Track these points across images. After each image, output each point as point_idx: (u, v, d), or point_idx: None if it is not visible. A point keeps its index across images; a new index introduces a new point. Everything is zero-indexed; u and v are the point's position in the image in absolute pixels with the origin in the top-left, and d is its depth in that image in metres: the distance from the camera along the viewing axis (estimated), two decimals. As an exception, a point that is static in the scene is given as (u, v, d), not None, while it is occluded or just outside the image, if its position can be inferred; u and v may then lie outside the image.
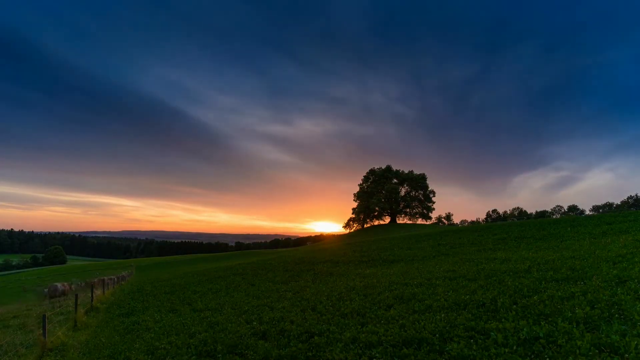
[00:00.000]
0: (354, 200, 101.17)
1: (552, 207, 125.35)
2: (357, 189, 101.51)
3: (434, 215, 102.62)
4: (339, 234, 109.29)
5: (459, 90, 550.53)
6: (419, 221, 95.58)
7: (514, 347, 5.37)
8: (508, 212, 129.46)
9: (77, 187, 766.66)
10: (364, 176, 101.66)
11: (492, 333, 6.05)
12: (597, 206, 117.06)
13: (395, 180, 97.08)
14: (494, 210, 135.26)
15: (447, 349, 5.73)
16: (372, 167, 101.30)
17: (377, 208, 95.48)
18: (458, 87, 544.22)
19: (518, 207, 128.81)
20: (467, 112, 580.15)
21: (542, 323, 6.13)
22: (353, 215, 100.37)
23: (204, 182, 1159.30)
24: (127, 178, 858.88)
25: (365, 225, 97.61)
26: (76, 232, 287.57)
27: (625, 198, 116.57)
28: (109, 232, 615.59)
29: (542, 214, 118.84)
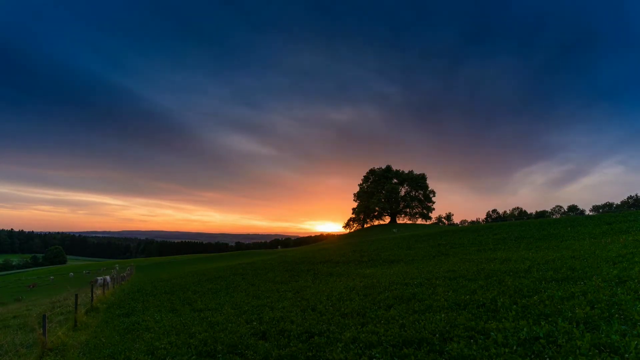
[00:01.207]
0: (354, 200, 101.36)
1: (552, 207, 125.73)
2: (347, 185, 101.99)
3: (434, 215, 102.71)
4: (339, 233, 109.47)
5: (447, 59, 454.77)
6: (419, 221, 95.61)
7: (514, 347, 5.37)
8: (508, 212, 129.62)
9: (55, 185, 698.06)
10: (364, 176, 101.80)
11: (492, 333, 6.05)
12: (597, 206, 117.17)
13: (395, 180, 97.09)
14: (494, 210, 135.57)
15: (447, 349, 5.73)
16: (365, 164, 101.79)
17: (377, 208, 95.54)
18: (445, 53, 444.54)
19: (518, 207, 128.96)
20: (458, 87, 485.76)
21: (542, 323, 6.13)
22: (353, 215, 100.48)
23: (183, 179, 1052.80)
24: (97, 173, 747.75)
25: (365, 225, 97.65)
26: (76, 232, 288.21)
27: (625, 198, 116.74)
28: (109, 232, 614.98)
29: (542, 214, 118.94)
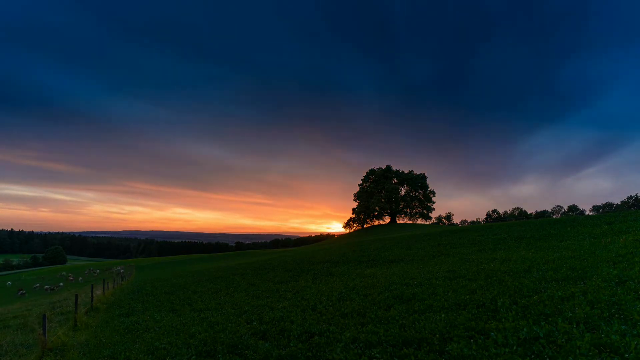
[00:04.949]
0: (354, 200, 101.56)
1: (552, 207, 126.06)
2: (313, 172, 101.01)
3: (434, 215, 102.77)
4: (339, 233, 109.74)
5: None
6: (419, 221, 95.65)
7: (514, 347, 5.37)
8: (508, 212, 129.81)
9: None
10: (364, 176, 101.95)
11: (492, 333, 6.05)
12: (597, 206, 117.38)
13: (395, 180, 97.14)
14: (494, 210, 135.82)
15: (447, 349, 5.73)
16: (369, 165, 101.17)
17: (377, 208, 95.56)
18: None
19: (518, 207, 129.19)
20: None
21: (542, 323, 6.13)
22: (353, 215, 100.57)
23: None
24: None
25: (365, 225, 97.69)
26: (76, 232, 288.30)
27: (625, 198, 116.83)
28: (110, 232, 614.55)
29: (542, 214, 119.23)
